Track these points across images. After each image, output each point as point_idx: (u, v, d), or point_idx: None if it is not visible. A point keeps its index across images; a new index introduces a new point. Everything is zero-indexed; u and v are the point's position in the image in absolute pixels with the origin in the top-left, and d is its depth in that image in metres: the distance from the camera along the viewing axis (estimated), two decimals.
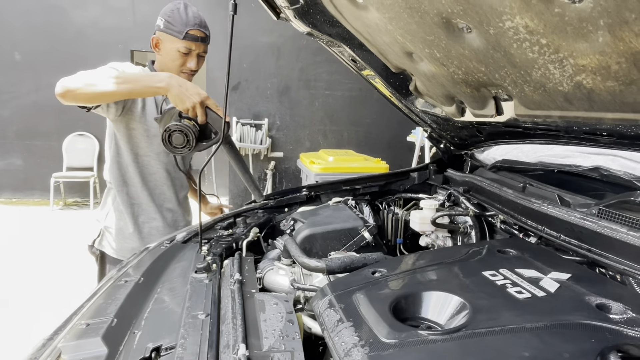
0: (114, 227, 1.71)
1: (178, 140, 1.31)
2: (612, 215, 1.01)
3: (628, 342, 0.69)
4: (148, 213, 1.74)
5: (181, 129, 1.30)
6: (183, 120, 1.33)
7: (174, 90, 1.33)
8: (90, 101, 1.43)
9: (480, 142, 1.72)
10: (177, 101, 1.33)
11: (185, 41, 1.64)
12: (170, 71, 1.63)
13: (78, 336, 0.88)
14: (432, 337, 0.73)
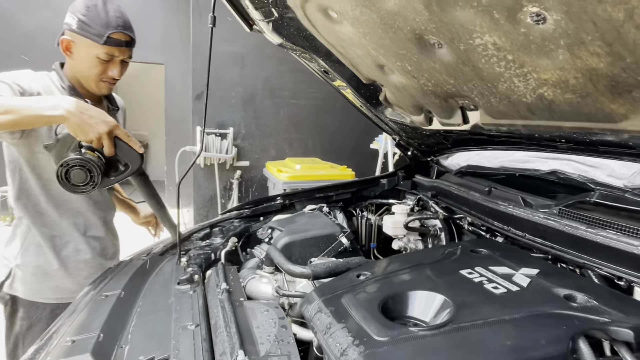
0: (31, 265, 1.44)
1: (79, 177, 1.10)
2: (571, 214, 1.12)
3: (593, 327, 0.77)
4: (73, 244, 1.49)
5: (83, 163, 1.09)
6: (84, 151, 1.12)
7: (73, 119, 1.09)
8: None
9: (446, 148, 1.82)
10: (78, 131, 1.11)
11: (107, 47, 1.38)
12: (87, 79, 1.44)
13: (65, 354, 0.86)
14: (422, 332, 0.77)
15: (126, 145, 1.17)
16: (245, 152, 4.62)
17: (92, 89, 1.48)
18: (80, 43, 1.38)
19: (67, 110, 1.08)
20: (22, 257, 1.44)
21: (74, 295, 1.36)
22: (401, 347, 0.74)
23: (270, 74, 4.61)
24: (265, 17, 1.49)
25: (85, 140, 1.12)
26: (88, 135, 1.10)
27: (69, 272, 1.46)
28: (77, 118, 1.09)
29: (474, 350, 0.72)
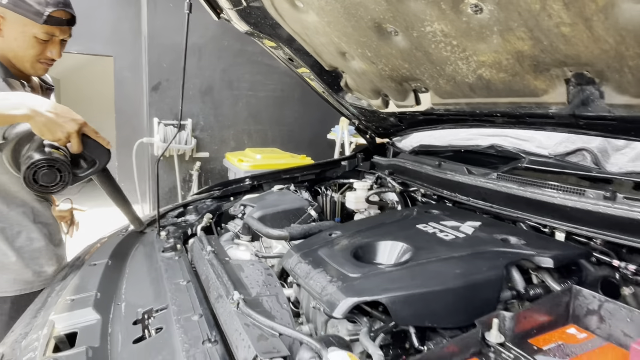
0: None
1: (48, 177, 1.06)
2: (507, 178, 1.32)
3: (522, 258, 0.96)
4: (25, 233, 1.41)
5: (51, 164, 1.05)
6: (49, 150, 1.07)
7: (39, 118, 1.04)
8: None
9: (401, 130, 2.00)
10: (45, 131, 1.05)
11: (47, 26, 1.27)
12: (21, 60, 1.32)
13: (68, 309, 0.93)
14: (388, 269, 0.93)
15: (94, 142, 1.14)
16: (204, 143, 4.63)
17: (27, 69, 1.35)
18: (13, 21, 1.25)
19: (31, 110, 1.03)
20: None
21: (32, 286, 1.37)
22: (372, 279, 0.89)
23: (228, 65, 4.64)
24: (234, 5, 1.59)
25: (52, 139, 1.07)
26: (56, 134, 1.06)
27: (25, 262, 1.38)
28: (43, 117, 1.03)
29: (430, 277, 0.88)
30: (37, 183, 1.05)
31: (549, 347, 0.75)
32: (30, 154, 1.06)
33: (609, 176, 1.14)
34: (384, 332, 0.86)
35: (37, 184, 1.05)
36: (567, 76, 1.00)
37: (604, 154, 1.24)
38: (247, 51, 4.57)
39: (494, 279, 0.88)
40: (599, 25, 0.79)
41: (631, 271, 0.99)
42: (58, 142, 1.08)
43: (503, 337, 0.74)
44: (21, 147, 1.11)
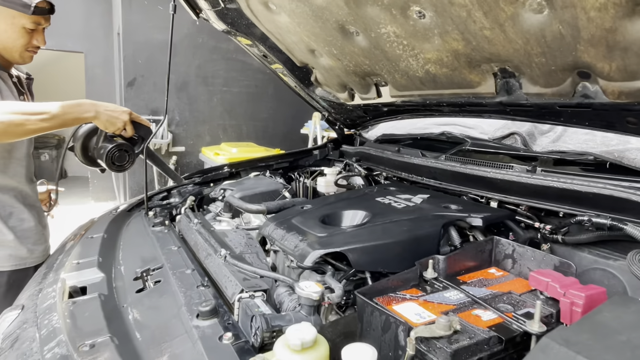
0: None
1: (122, 159, 1.43)
2: (453, 159, 1.54)
3: (459, 219, 1.17)
4: (16, 214, 1.53)
5: (120, 147, 1.42)
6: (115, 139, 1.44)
7: (102, 116, 1.37)
8: (14, 139, 1.35)
9: (366, 121, 2.21)
10: (108, 125, 1.39)
11: (34, 16, 1.41)
12: (11, 50, 1.45)
13: (75, 269, 1.08)
14: (349, 229, 1.13)
15: (138, 124, 1.47)
16: (180, 138, 4.72)
17: (16, 59, 1.49)
18: (2, 14, 1.38)
19: (97, 112, 1.36)
20: None
21: (26, 262, 1.51)
22: (335, 237, 1.08)
23: (203, 62, 4.75)
24: (212, 6, 1.74)
25: (114, 130, 1.40)
26: (116, 125, 1.39)
27: (19, 240, 1.50)
28: (105, 115, 1.37)
29: (382, 233, 1.08)
30: (115, 164, 1.40)
31: (472, 281, 0.96)
32: (102, 145, 1.43)
33: (532, 154, 1.38)
34: (346, 278, 1.05)
35: (115, 165, 1.40)
36: (494, 70, 1.22)
37: (532, 137, 1.48)
38: (222, 48, 4.69)
39: (433, 234, 1.09)
40: (510, 30, 1.01)
41: (548, 230, 1.23)
42: (117, 131, 1.40)
43: (437, 274, 0.95)
44: (88, 143, 1.45)
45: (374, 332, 0.82)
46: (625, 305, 0.71)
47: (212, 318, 0.80)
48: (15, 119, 1.24)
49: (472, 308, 0.83)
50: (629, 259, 0.92)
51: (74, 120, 1.36)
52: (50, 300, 0.93)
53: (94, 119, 1.37)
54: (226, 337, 0.74)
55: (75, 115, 1.34)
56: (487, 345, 0.72)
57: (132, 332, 0.80)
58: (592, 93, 1.03)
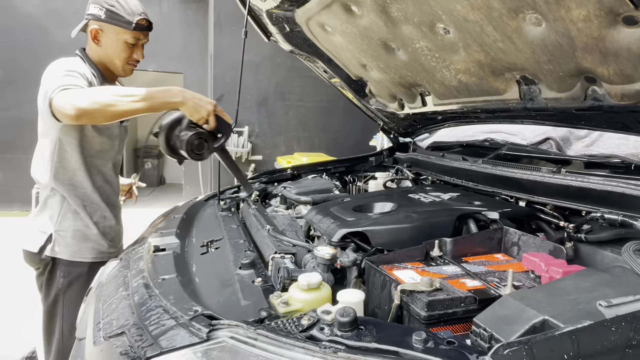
0: (70, 230, 1.61)
1: (200, 147, 1.40)
2: (489, 162, 1.64)
3: (475, 212, 1.29)
4: (100, 212, 1.67)
5: (201, 136, 1.40)
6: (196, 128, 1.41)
7: (189, 103, 1.35)
8: (106, 121, 1.42)
9: (417, 129, 2.35)
10: (193, 112, 1.36)
11: (135, 32, 1.60)
12: (115, 64, 1.64)
13: (159, 236, 1.40)
14: (375, 216, 1.31)
15: (221, 119, 1.45)
16: (258, 147, 5.20)
17: (119, 72, 1.68)
18: (108, 31, 1.58)
19: (184, 97, 1.36)
20: (60, 224, 1.60)
21: (104, 256, 1.64)
22: (361, 221, 1.27)
23: (281, 79, 5.20)
24: (280, 30, 2.05)
25: (198, 118, 1.38)
26: (200, 113, 1.36)
27: (102, 235, 1.66)
28: (192, 102, 1.36)
29: (402, 219, 1.25)
30: (193, 152, 1.39)
31: (474, 262, 1.09)
32: (184, 133, 1.40)
33: (563, 157, 1.44)
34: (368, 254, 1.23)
35: (194, 153, 1.40)
36: (516, 78, 1.34)
37: (566, 142, 1.54)
38: (298, 66, 5.11)
39: (447, 222, 1.23)
40: (518, 41, 1.14)
41: (571, 229, 1.29)
42: (200, 121, 1.39)
43: (442, 253, 1.09)
44: (171, 132, 1.43)
45: (375, 291, 1.00)
46: (587, 276, 0.82)
47: (249, 269, 1.04)
48: (109, 99, 1.33)
49: (462, 278, 0.97)
50: (624, 249, 0.98)
51: (162, 104, 1.38)
52: (139, 254, 1.24)
53: (181, 105, 1.36)
54: (257, 281, 0.97)
55: (164, 100, 1.37)
56: (463, 303, 0.86)
57: (192, 275, 1.07)
58: (600, 96, 1.11)
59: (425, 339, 0.65)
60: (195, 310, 0.80)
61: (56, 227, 1.60)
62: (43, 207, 1.63)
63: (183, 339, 0.72)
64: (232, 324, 0.74)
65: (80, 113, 1.31)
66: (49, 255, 1.59)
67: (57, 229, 1.60)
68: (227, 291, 0.96)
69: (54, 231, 1.60)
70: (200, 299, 0.91)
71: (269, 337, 0.68)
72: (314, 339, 0.73)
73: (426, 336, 0.65)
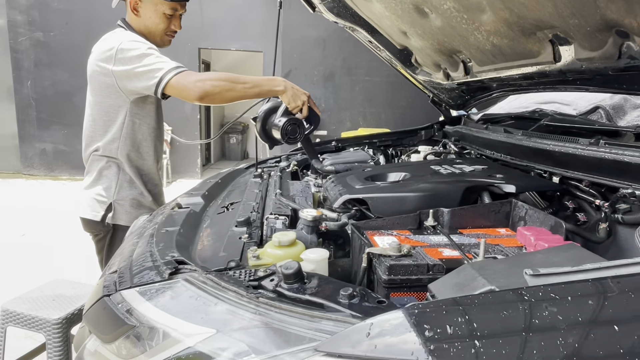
0: (128, 199, 1.73)
1: (294, 132, 1.56)
2: (528, 134, 1.50)
3: (489, 184, 1.20)
4: (153, 180, 1.81)
5: (294, 121, 1.56)
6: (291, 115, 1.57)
7: (289, 92, 1.53)
8: (221, 103, 1.59)
9: (466, 101, 2.21)
10: (291, 100, 1.54)
11: (173, 3, 1.65)
12: (154, 34, 1.70)
13: (189, 196, 1.52)
14: (382, 184, 1.29)
15: (312, 110, 1.61)
16: (324, 123, 5.26)
17: (157, 43, 1.72)
18: (147, 2, 1.64)
19: (285, 87, 1.53)
20: (118, 194, 1.71)
21: None
22: (368, 188, 1.26)
23: (348, 54, 5.16)
24: (322, 0, 2.04)
25: (294, 106, 1.55)
26: (297, 102, 1.54)
27: (155, 201, 1.80)
28: (291, 91, 1.54)
29: (407, 188, 1.21)
30: (287, 136, 1.56)
31: (470, 234, 1.03)
32: (280, 119, 1.57)
33: (606, 128, 1.27)
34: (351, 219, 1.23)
35: (287, 137, 1.56)
36: (549, 37, 1.20)
37: (619, 111, 1.35)
38: None
39: (452, 193, 1.17)
40: None
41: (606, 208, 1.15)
42: (295, 109, 1.56)
43: (437, 224, 1.05)
44: (267, 119, 1.61)
45: (355, 253, 1.00)
46: (564, 250, 0.75)
47: (242, 227, 1.10)
48: (227, 85, 1.51)
49: (444, 248, 0.93)
50: (638, 232, 0.86)
51: (268, 92, 1.56)
52: (166, 210, 1.38)
53: (283, 92, 1.53)
54: (244, 237, 1.04)
55: (269, 87, 1.54)
56: (431, 271, 0.83)
57: (197, 228, 1.17)
58: (636, 53, 0.96)
59: (350, 294, 0.65)
60: (172, 255, 0.89)
61: (115, 197, 1.71)
62: (98, 177, 1.72)
63: (150, 278, 0.80)
64: (192, 268, 0.81)
65: (205, 95, 1.48)
66: (110, 222, 1.71)
67: (117, 198, 1.71)
68: (215, 244, 1.03)
69: (114, 200, 1.71)
70: (188, 248, 1.00)
71: (214, 281, 0.74)
72: (262, 288, 0.77)
73: (351, 292, 0.65)
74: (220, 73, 1.66)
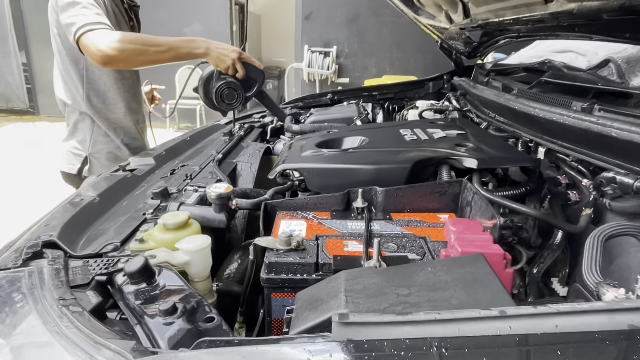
0: (103, 152, 1.67)
1: (230, 97, 1.45)
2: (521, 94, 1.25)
3: (449, 157, 1.01)
4: (129, 134, 1.71)
5: (229, 85, 1.43)
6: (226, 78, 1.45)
7: (212, 53, 1.41)
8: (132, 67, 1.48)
9: (475, 48, 1.90)
10: (218, 62, 1.43)
11: None
12: None
13: (143, 156, 1.44)
14: (328, 153, 1.12)
15: (250, 65, 1.48)
16: (346, 69, 4.93)
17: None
18: None
19: (207, 48, 1.42)
20: (93, 147, 1.65)
21: None
22: (312, 157, 1.11)
23: None
24: None
25: (223, 68, 1.44)
26: (225, 63, 1.43)
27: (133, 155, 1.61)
28: (215, 52, 1.42)
29: (351, 159, 1.05)
30: (224, 102, 1.47)
31: (399, 220, 0.86)
32: (213, 84, 1.48)
33: (611, 88, 1.00)
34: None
35: (225, 102, 1.47)
36: None
37: (635, 65, 1.06)
38: None
39: (400, 169, 0.99)
40: None
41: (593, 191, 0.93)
42: (228, 70, 1.45)
43: (367, 205, 0.89)
44: (207, 86, 1.51)
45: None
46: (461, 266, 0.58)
47: (157, 199, 1.00)
48: (137, 48, 1.37)
49: (350, 239, 0.78)
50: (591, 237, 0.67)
51: (186, 55, 1.43)
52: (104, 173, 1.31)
53: (205, 55, 1.43)
54: (148, 213, 0.94)
55: (188, 50, 1.42)
56: (321, 271, 0.70)
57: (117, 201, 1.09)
58: None
59: (168, 310, 0.54)
60: (50, 235, 0.81)
61: (90, 149, 1.66)
62: (73, 130, 1.66)
63: (8, 262, 0.73)
64: (55, 255, 0.73)
65: (108, 60, 1.36)
66: (87, 175, 1.67)
67: (92, 151, 1.66)
68: (118, 220, 0.95)
69: (89, 154, 1.66)
70: (85, 224, 0.92)
71: (57, 271, 0.65)
72: (111, 283, 0.68)
73: (171, 307, 0.54)
74: (133, 34, 1.48)
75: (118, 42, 1.34)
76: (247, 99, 1.50)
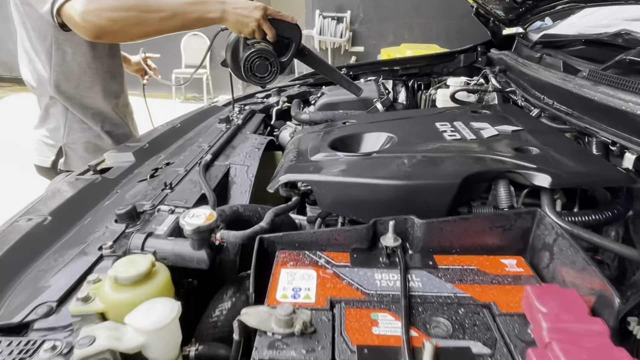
0: (80, 142, 1.44)
1: (262, 68, 1.15)
2: (597, 77, 0.96)
3: (508, 171, 0.75)
4: (111, 120, 1.47)
5: (259, 54, 1.13)
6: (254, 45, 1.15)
7: (230, 17, 1.14)
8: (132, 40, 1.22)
9: (521, 15, 1.59)
10: (240, 27, 1.15)
11: None
12: None
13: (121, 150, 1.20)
14: (345, 157, 0.87)
15: (281, 22, 1.18)
16: (361, 37, 4.54)
17: None
18: None
19: (222, 10, 1.13)
20: (68, 136, 1.42)
21: None
22: (323, 162, 0.86)
23: None
24: None
25: (248, 32, 1.14)
26: (248, 26, 1.13)
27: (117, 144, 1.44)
28: (233, 15, 1.13)
29: (374, 169, 0.79)
30: (256, 76, 1.16)
31: (452, 268, 0.62)
32: (241, 55, 1.17)
33: None
34: (321, 218, 0.85)
35: (256, 76, 1.16)
36: None
37: None
38: None
39: (444, 187, 0.73)
40: None
41: None
42: (253, 34, 1.15)
43: (399, 242, 0.64)
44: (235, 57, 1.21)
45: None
46: None
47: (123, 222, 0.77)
48: (134, 16, 1.12)
49: (383, 308, 0.54)
50: None
51: (196, 21, 1.17)
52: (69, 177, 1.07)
53: (221, 20, 1.14)
54: (106, 247, 0.70)
55: (198, 15, 1.15)
56: None
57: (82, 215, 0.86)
58: None
59: None
60: None
61: (65, 139, 1.42)
62: (45, 116, 1.41)
63: None
64: None
65: (100, 32, 1.11)
66: (64, 169, 1.44)
67: (67, 141, 1.42)
68: (70, 253, 0.72)
69: (64, 144, 1.42)
70: (22, 262, 0.70)
71: None
72: None
73: None
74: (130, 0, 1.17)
75: (111, 11, 1.10)
76: (284, 65, 1.19)
